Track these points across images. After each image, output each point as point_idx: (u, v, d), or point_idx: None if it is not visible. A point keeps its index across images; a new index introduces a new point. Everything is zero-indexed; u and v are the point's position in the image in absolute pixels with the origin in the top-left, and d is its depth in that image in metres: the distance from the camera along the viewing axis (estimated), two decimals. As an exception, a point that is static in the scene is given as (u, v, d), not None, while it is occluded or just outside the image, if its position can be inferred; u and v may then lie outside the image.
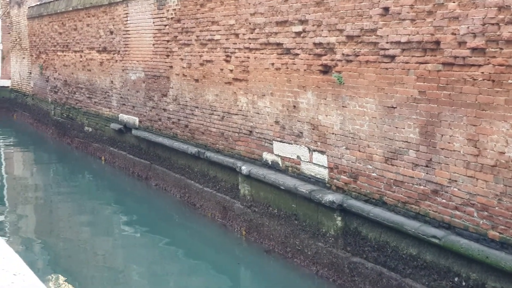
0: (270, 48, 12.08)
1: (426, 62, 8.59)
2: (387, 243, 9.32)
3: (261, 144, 12.51)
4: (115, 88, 19.72)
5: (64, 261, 12.52)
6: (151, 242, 13.47)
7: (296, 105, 11.39)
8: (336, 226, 10.27)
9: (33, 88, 28.57)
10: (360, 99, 9.84)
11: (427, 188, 8.68)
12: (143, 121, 17.83)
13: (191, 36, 14.94)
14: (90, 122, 21.89)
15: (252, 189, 12.57)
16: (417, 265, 8.78)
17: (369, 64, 9.63)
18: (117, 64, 19.43)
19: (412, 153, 8.91)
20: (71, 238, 14.02)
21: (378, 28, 9.40)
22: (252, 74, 12.66)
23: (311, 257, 10.85)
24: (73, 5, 22.95)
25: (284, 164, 11.82)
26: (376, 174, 9.61)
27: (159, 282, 11.35)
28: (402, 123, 9.04)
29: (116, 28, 19.44)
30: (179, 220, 14.78)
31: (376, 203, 9.58)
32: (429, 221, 8.64)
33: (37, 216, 16.14)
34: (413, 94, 8.82)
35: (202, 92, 14.58)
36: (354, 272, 9.85)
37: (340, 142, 10.34)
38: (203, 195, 14.41)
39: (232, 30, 13.28)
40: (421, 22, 8.64)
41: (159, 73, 16.69)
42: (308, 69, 11.04)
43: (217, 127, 14.02)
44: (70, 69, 23.65)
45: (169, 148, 16.05)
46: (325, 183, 10.74)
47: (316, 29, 10.77)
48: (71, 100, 23.74)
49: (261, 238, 12.20)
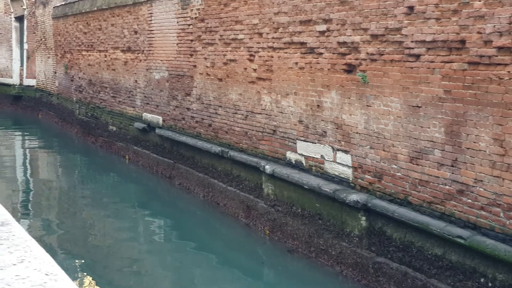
0: (293, 47, 12.07)
1: (451, 61, 8.55)
2: (412, 243, 9.28)
3: (284, 143, 12.50)
4: (139, 88, 19.79)
5: (89, 260, 12.57)
6: (175, 241, 13.51)
7: (320, 104, 11.37)
8: (361, 226, 10.24)
9: (58, 88, 28.73)
10: (385, 98, 9.81)
11: (453, 188, 8.63)
12: (166, 120, 17.87)
13: (215, 35, 14.96)
14: (114, 121, 21.98)
15: (275, 188, 12.57)
16: (443, 266, 8.73)
17: (394, 63, 9.59)
18: (141, 64, 19.50)
19: (437, 153, 8.87)
20: (96, 236, 14.09)
21: (403, 27, 9.36)
22: (276, 73, 12.65)
23: (335, 257, 10.83)
24: (97, 5, 23.06)
25: (308, 164, 11.80)
26: (401, 174, 9.57)
27: (182, 280, 11.38)
28: (427, 122, 9.00)
29: (140, 27, 19.51)
30: (203, 219, 14.80)
31: (401, 203, 9.54)
32: (455, 221, 8.60)
33: (62, 215, 16.23)
34: (438, 93, 8.77)
35: (226, 91, 14.59)
36: (378, 272, 9.81)
37: (364, 142, 10.31)
38: (227, 194, 14.43)
39: (256, 30, 13.28)
40: (446, 21, 8.59)
41: (182, 72, 16.73)
42: (332, 68, 11.02)
43: (240, 126, 14.03)
44: (94, 69, 23.77)
45: (193, 147, 16.07)
46: (349, 183, 10.71)
47: (340, 28, 10.75)
48: (95, 99, 23.85)
49: (285, 238, 12.19)
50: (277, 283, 11.39)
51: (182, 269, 11.87)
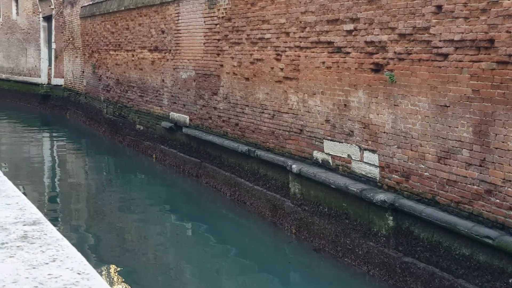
0: (320, 47, 12.06)
1: (479, 60, 8.50)
2: (439, 243, 9.24)
3: (311, 142, 12.49)
4: (166, 87, 19.86)
5: (117, 258, 12.64)
6: (202, 239, 13.55)
7: (347, 104, 11.36)
8: (388, 226, 10.21)
9: (85, 87, 28.90)
10: (413, 97, 9.77)
11: (481, 188, 8.58)
12: (193, 119, 17.92)
13: (242, 35, 14.98)
14: (141, 120, 22.08)
15: (302, 188, 12.57)
16: (470, 266, 8.69)
17: (422, 62, 9.55)
18: (168, 63, 19.57)
19: (465, 153, 8.82)
20: (124, 235, 14.17)
21: (431, 26, 9.32)
22: (303, 73, 12.65)
23: (362, 256, 10.81)
24: (125, 5, 23.17)
25: (335, 163, 11.79)
26: (428, 174, 9.53)
27: (209, 278, 11.41)
28: (455, 122, 8.96)
29: (167, 27, 19.58)
30: (229, 218, 14.83)
31: (429, 203, 9.50)
32: (483, 221, 8.55)
33: (90, 214, 16.35)
34: (467, 92, 8.73)
35: (253, 90, 14.61)
36: (406, 272, 9.78)
37: (391, 141, 10.29)
38: (253, 193, 14.44)
39: (283, 29, 13.28)
40: (474, 20, 8.55)
41: (209, 71, 16.77)
42: (359, 67, 10.99)
43: (267, 126, 14.04)
44: (122, 68, 23.88)
45: (219, 147, 16.10)
46: (376, 182, 10.69)
47: (367, 27, 10.73)
48: (123, 99, 23.96)
49: (311, 237, 12.19)
50: (304, 283, 11.38)
51: (209, 267, 11.90)
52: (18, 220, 2.67)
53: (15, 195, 3.08)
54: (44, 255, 2.28)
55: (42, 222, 2.62)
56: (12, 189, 3.20)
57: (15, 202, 2.96)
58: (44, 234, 2.48)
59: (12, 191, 3.16)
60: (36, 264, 2.19)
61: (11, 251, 2.33)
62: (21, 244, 2.39)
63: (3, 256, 2.28)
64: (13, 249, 2.34)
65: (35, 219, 2.68)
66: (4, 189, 3.21)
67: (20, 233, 2.51)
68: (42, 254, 2.29)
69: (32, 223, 2.62)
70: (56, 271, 2.13)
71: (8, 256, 2.27)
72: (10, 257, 2.26)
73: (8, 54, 40.30)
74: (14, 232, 2.52)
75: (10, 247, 2.36)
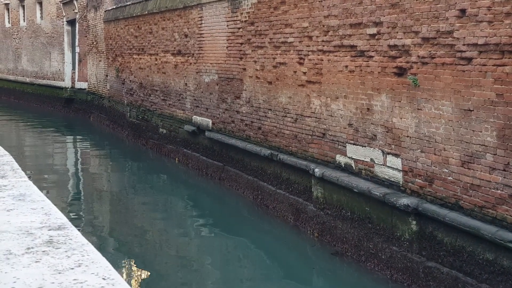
0: (343, 51, 12.04)
1: (504, 64, 8.46)
2: (463, 247, 9.19)
3: (334, 146, 12.47)
4: (189, 91, 19.91)
5: (142, 261, 12.69)
6: (224, 243, 13.57)
7: (370, 108, 11.33)
8: (411, 230, 10.17)
9: (109, 91, 29.03)
10: (436, 101, 9.73)
11: (505, 192, 8.53)
12: (216, 123, 17.95)
13: (265, 38, 14.99)
14: (164, 124, 22.14)
15: (325, 192, 12.55)
16: (494, 271, 8.64)
17: (445, 66, 9.52)
18: (191, 67, 19.62)
19: (489, 157, 8.77)
20: (148, 238, 14.22)
21: (455, 30, 9.28)
22: (326, 77, 12.63)
23: (385, 261, 10.77)
24: (148, 9, 23.26)
25: (357, 167, 11.77)
26: (452, 178, 9.49)
27: (231, 282, 11.41)
28: (479, 126, 8.91)
29: (190, 31, 19.63)
30: (252, 221, 14.84)
31: (452, 207, 9.46)
32: (507, 226, 8.49)
33: (114, 218, 16.42)
34: (491, 97, 8.69)
35: (275, 94, 14.61)
36: (429, 277, 9.74)
37: (415, 145, 10.25)
38: (276, 197, 14.43)
39: (306, 33, 13.28)
40: (499, 24, 8.50)
41: (232, 75, 16.79)
42: (382, 71, 10.97)
43: (290, 130, 14.03)
44: (145, 72, 23.97)
45: (242, 150, 16.12)
46: (399, 187, 10.65)
47: (391, 31, 10.70)
48: (146, 102, 24.05)
49: (334, 241, 12.16)
50: (327, 287, 11.37)
51: (231, 270, 11.91)
52: (43, 225, 2.70)
53: (40, 200, 3.11)
54: (70, 260, 2.30)
55: (67, 227, 2.64)
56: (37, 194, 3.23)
57: (40, 207, 2.98)
58: (69, 239, 2.50)
59: (37, 196, 3.19)
60: (61, 269, 2.21)
61: (37, 255, 2.35)
62: (46, 249, 2.41)
63: (29, 261, 2.30)
64: (39, 254, 2.36)
65: (60, 223, 2.70)
66: (29, 193, 3.24)
67: (45, 238, 2.53)
68: (67, 259, 2.31)
69: (57, 228, 2.64)
70: (81, 276, 2.15)
71: (34, 261, 2.29)
72: (36, 262, 2.28)
73: (32, 58, 40.58)
74: (39, 237, 2.55)
75: (36, 252, 2.38)
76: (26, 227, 2.67)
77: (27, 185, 3.43)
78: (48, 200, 3.12)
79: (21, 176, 3.70)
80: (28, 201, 3.10)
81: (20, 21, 42.69)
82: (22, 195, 3.20)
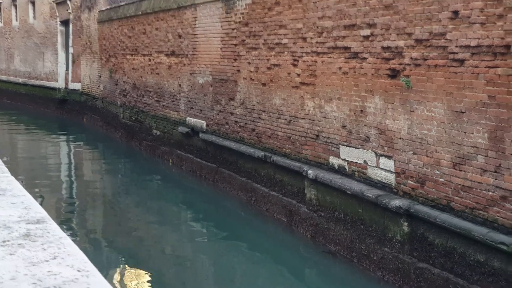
0: (337, 52, 12.03)
1: (496, 66, 8.45)
2: (454, 249, 9.18)
3: (327, 148, 12.46)
4: (183, 92, 19.88)
5: (133, 260, 12.66)
6: (218, 244, 13.56)
7: (363, 110, 11.32)
8: (403, 232, 10.16)
9: (102, 92, 28.98)
10: (428, 103, 9.72)
11: (496, 194, 8.53)
12: (210, 124, 17.93)
13: (259, 40, 14.97)
14: (158, 125, 22.11)
15: (318, 193, 12.53)
16: (485, 272, 8.63)
17: (438, 68, 9.51)
18: (185, 68, 19.59)
19: (480, 159, 8.77)
20: (140, 238, 14.19)
21: (448, 31, 9.28)
22: (319, 78, 12.62)
23: (377, 262, 10.76)
24: (142, 9, 23.24)
25: (351, 169, 11.75)
26: (443, 180, 9.48)
27: (225, 281, 11.38)
28: (471, 128, 8.90)
29: (184, 32, 19.61)
30: (246, 223, 14.82)
31: (444, 209, 9.45)
32: (498, 227, 8.49)
33: (107, 217, 16.39)
34: (482, 98, 8.68)
35: (269, 96, 14.59)
36: (420, 278, 9.73)
37: (407, 147, 10.24)
38: (269, 198, 14.42)
39: (300, 34, 13.27)
40: (491, 26, 8.50)
41: (226, 76, 16.77)
42: (375, 73, 10.96)
43: (283, 131, 14.02)
44: (139, 73, 23.93)
45: (236, 152, 16.10)
46: (392, 188, 10.64)
47: (384, 32, 10.69)
48: (139, 104, 24.01)
49: (327, 242, 12.15)
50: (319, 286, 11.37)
51: (224, 271, 11.88)
52: (21, 218, 2.67)
53: (21, 195, 3.09)
54: (45, 252, 2.27)
55: (46, 221, 2.62)
56: (18, 189, 3.21)
57: (21, 201, 2.96)
58: (47, 232, 2.48)
59: (18, 191, 3.17)
60: (36, 262, 2.19)
61: (12, 248, 2.33)
62: (22, 242, 2.39)
63: (3, 253, 2.28)
64: (14, 247, 2.34)
65: (40, 217, 2.68)
66: (10, 188, 3.22)
67: (22, 231, 2.51)
68: (43, 251, 2.29)
69: (36, 221, 2.62)
70: (56, 268, 2.12)
71: (8, 254, 2.27)
72: (10, 255, 2.26)
73: (25, 58, 40.46)
74: (17, 230, 2.52)
75: (11, 245, 2.36)
76: (4, 221, 2.65)
77: (9, 180, 3.41)
78: (29, 195, 3.10)
79: (3, 171, 3.68)
80: (8, 195, 3.08)
81: (12, 21, 42.54)
82: (3, 190, 3.18)
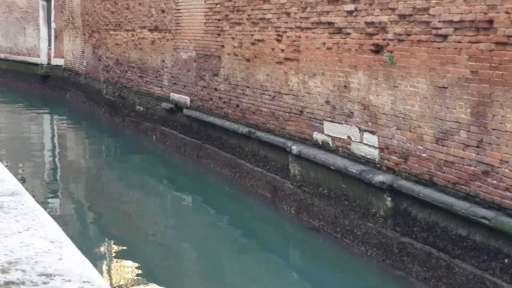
0: (321, 28, 12.00)
1: (478, 41, 8.46)
2: (436, 223, 9.23)
3: (311, 124, 12.45)
4: (166, 67, 19.79)
5: (116, 234, 12.67)
6: (202, 219, 13.55)
7: (347, 85, 11.31)
8: (386, 207, 10.20)
9: (85, 67, 28.80)
10: (412, 79, 9.73)
11: (478, 169, 8.56)
12: (194, 100, 17.87)
13: (243, 15, 14.90)
14: (141, 101, 22.01)
15: (302, 169, 12.54)
16: (467, 246, 8.68)
17: (421, 43, 9.51)
18: (169, 43, 19.49)
19: (463, 134, 8.79)
20: (124, 212, 14.19)
21: (431, 7, 9.26)
22: (303, 54, 12.59)
23: (360, 237, 10.81)
24: (126, -15, 23.07)
25: (335, 144, 11.76)
26: (426, 155, 9.51)
27: (209, 257, 11.40)
28: (454, 103, 8.92)
29: (167, 6, 19.48)
30: (230, 199, 14.83)
31: (426, 184, 9.48)
32: (479, 202, 8.53)
33: (90, 193, 16.35)
34: (465, 74, 8.69)
35: (253, 71, 14.55)
36: (403, 252, 9.78)
37: (391, 123, 10.25)
38: (254, 174, 14.42)
39: (284, 9, 13.21)
40: (474, 1, 8.49)
41: (210, 52, 16.70)
42: (359, 48, 10.94)
43: (268, 107, 14.00)
44: (122, 48, 23.79)
45: (220, 128, 16.07)
46: (376, 164, 10.66)
47: (368, 8, 10.66)
48: (122, 79, 23.88)
49: (311, 218, 12.18)
50: (304, 262, 11.42)
51: (208, 247, 11.89)
52: (-5, 191, 2.65)
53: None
54: (19, 224, 2.26)
55: (20, 193, 2.60)
56: None
57: (-5, 174, 2.93)
58: (22, 204, 2.46)
59: None
60: (8, 233, 2.17)
61: None
62: None
63: None
64: None
65: (14, 190, 2.65)
66: (-14, 161, 3.19)
67: (-4, 203, 2.48)
68: (16, 223, 2.27)
69: (11, 194, 2.60)
70: (28, 240, 2.11)
71: None
72: None
73: (7, 33, 40.04)
74: (-11, 202, 2.50)
75: None
76: (-25, 193, 2.62)
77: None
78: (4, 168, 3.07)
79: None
80: (-17, 169, 3.05)
81: (-8, -5, 42.12)
82: (-22, 163, 3.15)
